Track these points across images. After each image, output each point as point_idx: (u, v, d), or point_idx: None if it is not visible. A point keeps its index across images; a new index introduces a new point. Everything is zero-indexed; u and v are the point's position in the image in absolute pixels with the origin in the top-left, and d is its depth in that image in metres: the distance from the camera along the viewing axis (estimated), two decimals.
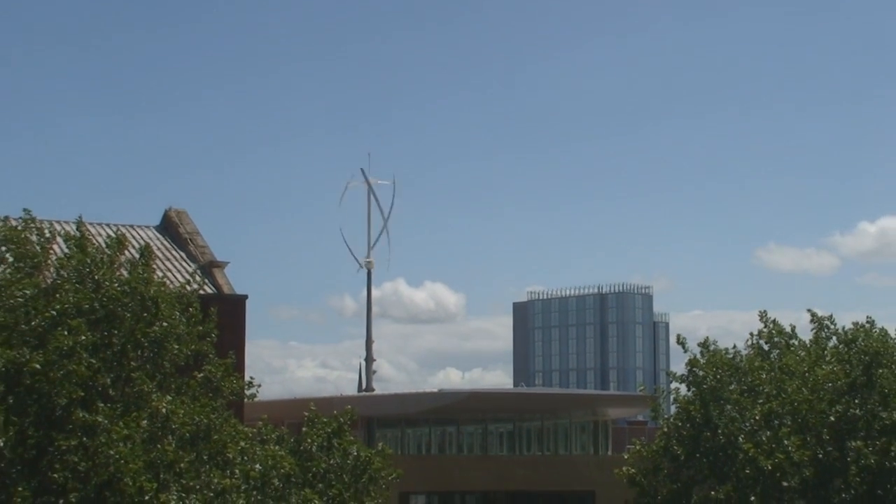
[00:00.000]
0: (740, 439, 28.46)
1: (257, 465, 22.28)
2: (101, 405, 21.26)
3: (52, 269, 23.51)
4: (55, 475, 20.60)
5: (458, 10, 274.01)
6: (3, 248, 23.74)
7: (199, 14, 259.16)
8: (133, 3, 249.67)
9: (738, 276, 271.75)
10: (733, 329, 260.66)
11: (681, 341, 31.90)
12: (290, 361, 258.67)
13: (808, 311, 32.48)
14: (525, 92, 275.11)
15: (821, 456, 28.29)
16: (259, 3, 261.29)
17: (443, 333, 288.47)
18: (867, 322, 31.74)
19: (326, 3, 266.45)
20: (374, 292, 74.70)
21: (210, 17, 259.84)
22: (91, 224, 26.98)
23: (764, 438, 28.25)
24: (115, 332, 22.45)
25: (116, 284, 22.92)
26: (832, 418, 28.67)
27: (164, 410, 21.61)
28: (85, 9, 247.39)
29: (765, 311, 32.52)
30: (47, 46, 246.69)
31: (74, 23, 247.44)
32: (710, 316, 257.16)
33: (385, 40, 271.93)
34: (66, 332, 21.29)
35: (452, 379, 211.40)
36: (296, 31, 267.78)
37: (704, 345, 31.28)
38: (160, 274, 26.69)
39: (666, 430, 31.50)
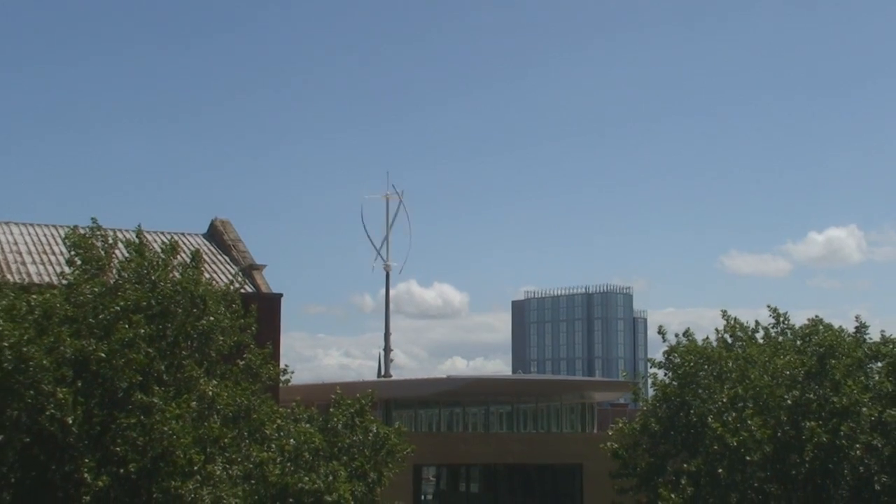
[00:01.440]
0: (710, 419, 28.46)
1: (291, 441, 22.33)
2: (157, 388, 21.35)
3: (114, 271, 23.60)
4: (117, 448, 20.64)
5: (454, 23, 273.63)
6: (73, 253, 23.83)
7: (236, 47, 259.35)
8: (175, 37, 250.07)
9: (705, 279, 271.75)
10: (702, 324, 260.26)
11: (661, 331, 32.09)
12: (318, 351, 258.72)
13: (768, 306, 32.65)
14: (521, 114, 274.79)
15: (779, 434, 28.28)
16: (295, 34, 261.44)
17: (450, 327, 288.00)
18: (816, 320, 31.82)
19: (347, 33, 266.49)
20: (391, 291, 74.82)
21: (244, 49, 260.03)
22: (148, 232, 27.07)
23: (730, 418, 28.25)
24: (169, 325, 22.53)
25: (170, 284, 23.00)
26: (789, 402, 28.65)
27: (210, 393, 21.68)
28: (137, 39, 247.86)
29: (725, 311, 32.77)
30: (112, 79, 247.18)
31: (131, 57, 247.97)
32: (681, 312, 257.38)
33: (394, 58, 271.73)
34: (127, 326, 21.39)
35: (458, 366, 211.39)
36: (316, 59, 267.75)
37: (686, 334, 31.42)
38: (207, 275, 26.72)
39: (645, 410, 31.57)
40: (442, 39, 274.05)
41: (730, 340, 32.17)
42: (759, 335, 32.36)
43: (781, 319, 32.39)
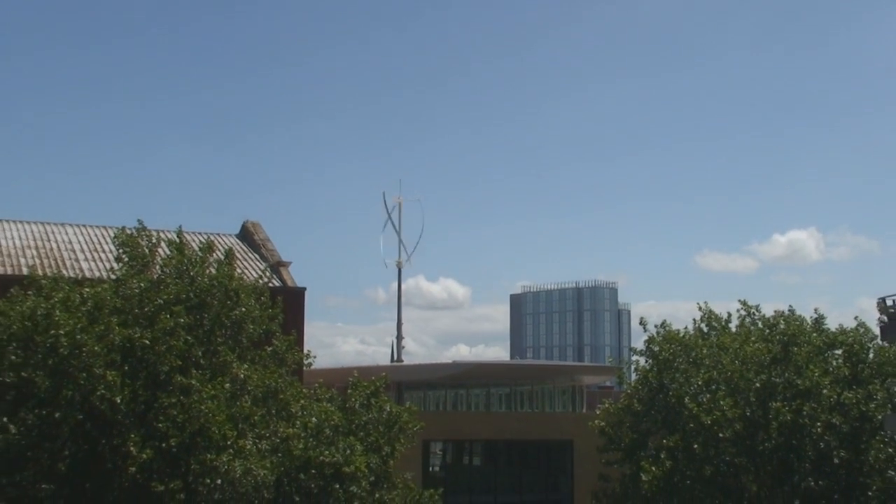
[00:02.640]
0: (686, 400, 28.42)
1: (313, 418, 22.22)
2: (195, 372, 21.38)
3: (157, 267, 23.62)
4: (159, 425, 20.70)
5: (461, 46, 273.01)
6: (121, 251, 23.88)
7: (267, 65, 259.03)
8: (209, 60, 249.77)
9: (681, 275, 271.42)
10: (678, 316, 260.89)
11: (643, 322, 31.95)
12: (338, 339, 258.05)
13: (739, 300, 32.51)
14: (518, 128, 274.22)
15: (748, 414, 28.23)
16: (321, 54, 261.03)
17: (454, 318, 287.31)
18: (789, 310, 31.72)
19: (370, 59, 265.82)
20: (402, 286, 74.64)
21: (272, 67, 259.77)
22: (187, 232, 27.10)
23: (704, 399, 28.21)
24: (206, 315, 22.57)
25: (207, 279, 23.02)
26: (757, 384, 28.58)
27: (242, 376, 21.67)
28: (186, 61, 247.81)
29: (706, 303, 32.69)
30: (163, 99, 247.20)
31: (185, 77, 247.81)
32: (660, 305, 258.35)
33: (407, 77, 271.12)
34: (168, 316, 21.43)
35: (462, 353, 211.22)
36: (337, 80, 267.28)
37: (662, 325, 31.31)
38: (240, 271, 26.75)
39: (628, 392, 31.52)
40: (450, 61, 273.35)
41: (706, 329, 32.12)
42: (733, 325, 32.28)
43: (752, 311, 32.28)
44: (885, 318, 27.50)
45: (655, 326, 31.49)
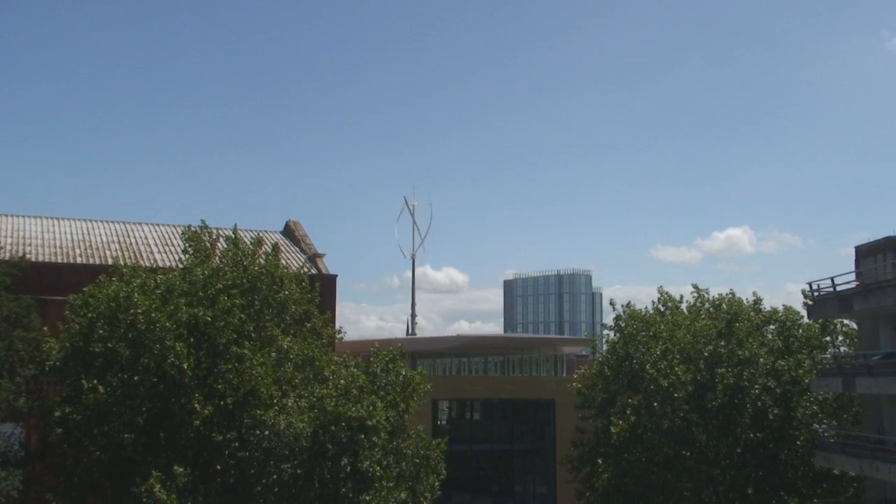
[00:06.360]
0: (647, 366, 28.43)
1: (343, 381, 22.14)
2: (247, 343, 21.46)
3: (217, 258, 23.67)
4: (218, 386, 20.80)
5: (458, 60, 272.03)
6: (187, 245, 23.97)
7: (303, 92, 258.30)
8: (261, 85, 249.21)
9: (641, 264, 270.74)
10: (639, 298, 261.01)
11: (612, 303, 32.07)
12: (362, 316, 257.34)
13: (692, 285, 32.57)
14: (510, 143, 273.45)
15: (699, 378, 28.22)
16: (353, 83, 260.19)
17: (456, 299, 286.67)
18: (729, 293, 31.73)
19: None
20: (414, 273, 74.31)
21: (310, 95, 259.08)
22: (241, 230, 27.13)
23: (662, 366, 28.20)
24: (256, 297, 22.61)
25: (257, 268, 23.07)
26: (706, 354, 28.58)
27: (285, 347, 21.70)
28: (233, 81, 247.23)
29: (661, 287, 32.80)
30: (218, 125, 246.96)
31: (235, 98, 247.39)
32: (625, 289, 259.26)
33: (421, 100, 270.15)
34: (226, 298, 21.52)
35: (463, 328, 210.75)
36: (360, 105, 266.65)
37: (628, 305, 31.37)
38: (284, 261, 26.76)
39: (600, 360, 31.53)
40: (452, 85, 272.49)
41: (662, 309, 32.14)
42: (684, 305, 32.33)
43: (701, 293, 32.32)
44: (810, 302, 27.46)
45: (622, 306, 31.59)
